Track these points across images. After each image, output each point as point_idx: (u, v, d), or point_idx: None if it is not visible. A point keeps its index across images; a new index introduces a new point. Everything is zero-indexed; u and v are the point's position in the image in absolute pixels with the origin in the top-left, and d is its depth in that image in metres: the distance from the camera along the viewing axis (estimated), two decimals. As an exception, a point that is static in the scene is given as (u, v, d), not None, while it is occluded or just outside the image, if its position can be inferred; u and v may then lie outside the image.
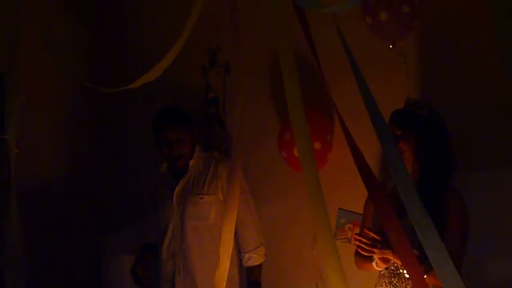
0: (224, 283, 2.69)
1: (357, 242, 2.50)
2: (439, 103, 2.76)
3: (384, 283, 2.66)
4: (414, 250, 2.35)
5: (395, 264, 2.62)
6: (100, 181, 4.12)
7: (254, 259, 3.27)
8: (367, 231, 2.49)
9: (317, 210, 1.89)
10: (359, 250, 2.52)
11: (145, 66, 2.70)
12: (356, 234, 2.53)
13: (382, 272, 2.68)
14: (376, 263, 2.56)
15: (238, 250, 3.30)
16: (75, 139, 4.03)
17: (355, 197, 3.20)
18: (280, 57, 2.04)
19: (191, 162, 3.30)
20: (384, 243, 2.42)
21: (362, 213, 3.07)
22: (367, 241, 2.45)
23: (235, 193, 2.73)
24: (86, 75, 3.96)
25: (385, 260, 2.53)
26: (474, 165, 2.87)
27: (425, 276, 2.24)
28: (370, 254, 2.50)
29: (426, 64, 3.02)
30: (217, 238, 2.79)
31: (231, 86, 3.59)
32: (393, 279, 2.63)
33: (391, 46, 2.89)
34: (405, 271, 2.57)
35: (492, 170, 2.89)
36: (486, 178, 2.89)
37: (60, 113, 3.99)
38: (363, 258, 2.64)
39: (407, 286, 2.57)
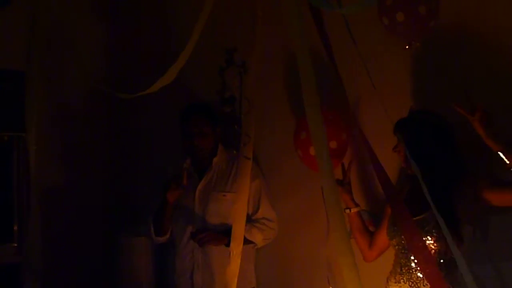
0: (236, 278, 2.73)
1: None
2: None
3: (394, 279, 2.69)
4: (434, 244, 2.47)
5: (406, 262, 2.66)
6: (117, 179, 4.16)
7: (254, 231, 3.24)
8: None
9: (333, 208, 1.91)
10: None
11: (165, 66, 2.73)
12: None
13: (393, 268, 2.72)
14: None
15: (254, 248, 3.32)
16: (94, 137, 4.07)
17: (370, 197, 3.22)
18: (297, 57, 2.06)
19: (215, 159, 3.36)
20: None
21: (375, 212, 3.12)
22: None
23: (245, 190, 2.77)
24: (104, 75, 4.01)
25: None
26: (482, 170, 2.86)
27: None
28: None
29: (441, 65, 3.02)
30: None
31: (248, 86, 3.62)
32: (403, 277, 2.66)
33: (407, 47, 2.90)
34: (415, 268, 2.62)
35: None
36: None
37: (79, 111, 4.02)
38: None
39: (418, 283, 2.60)
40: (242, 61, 3.68)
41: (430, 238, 2.54)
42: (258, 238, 3.27)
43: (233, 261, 2.72)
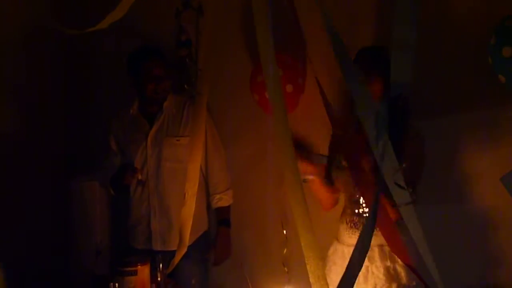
0: (191, 219, 2.75)
1: None
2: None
3: (345, 221, 2.77)
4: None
5: (347, 204, 2.73)
6: (70, 124, 4.09)
7: (224, 200, 3.33)
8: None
9: (285, 152, 1.92)
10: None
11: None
12: None
13: (345, 210, 2.79)
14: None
15: (206, 191, 3.35)
16: (45, 82, 3.96)
17: (325, 140, 3.26)
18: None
19: (165, 104, 3.31)
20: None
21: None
22: None
23: (201, 132, 2.78)
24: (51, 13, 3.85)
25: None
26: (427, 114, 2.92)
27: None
28: None
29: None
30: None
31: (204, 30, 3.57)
32: (354, 218, 2.73)
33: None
34: (364, 210, 2.69)
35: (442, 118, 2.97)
36: (436, 126, 2.94)
37: (30, 53, 3.88)
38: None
39: (359, 223, 2.68)
40: (199, 4, 3.61)
41: None
42: None
43: (189, 202, 2.74)
